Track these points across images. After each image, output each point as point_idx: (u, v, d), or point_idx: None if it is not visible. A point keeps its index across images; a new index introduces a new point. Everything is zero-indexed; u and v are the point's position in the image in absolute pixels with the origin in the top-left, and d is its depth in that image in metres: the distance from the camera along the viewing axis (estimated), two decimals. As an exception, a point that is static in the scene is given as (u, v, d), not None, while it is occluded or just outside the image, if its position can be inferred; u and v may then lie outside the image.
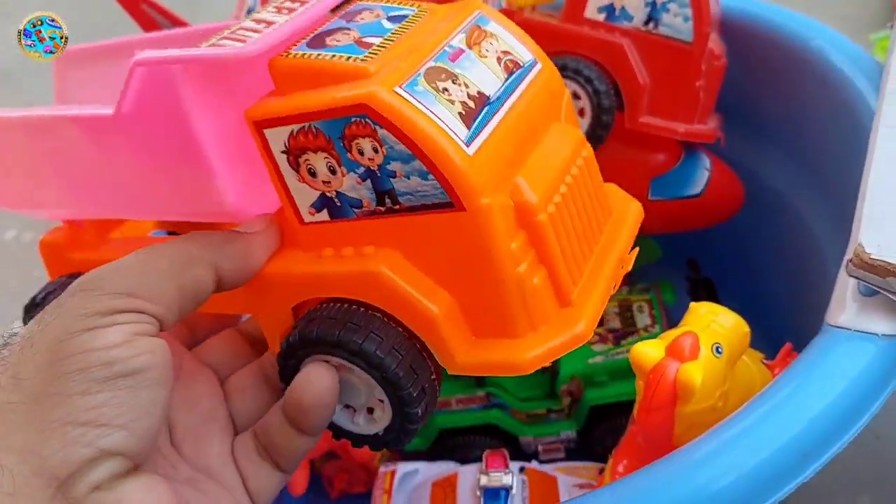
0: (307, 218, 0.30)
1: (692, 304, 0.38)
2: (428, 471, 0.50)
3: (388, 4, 0.32)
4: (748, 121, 0.55)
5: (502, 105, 0.29)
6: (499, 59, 0.30)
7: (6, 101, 1.19)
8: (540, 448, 0.52)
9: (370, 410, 0.31)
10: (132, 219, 0.41)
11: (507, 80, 0.30)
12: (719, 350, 0.35)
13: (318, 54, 0.28)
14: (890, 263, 0.32)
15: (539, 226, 0.28)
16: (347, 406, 0.31)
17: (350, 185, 0.28)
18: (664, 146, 0.51)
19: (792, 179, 0.54)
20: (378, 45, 0.29)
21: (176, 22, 0.57)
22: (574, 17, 0.50)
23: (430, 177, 0.27)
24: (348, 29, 0.30)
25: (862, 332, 0.33)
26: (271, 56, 0.29)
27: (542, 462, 0.50)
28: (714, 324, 0.36)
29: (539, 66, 0.32)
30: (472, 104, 0.28)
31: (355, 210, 0.29)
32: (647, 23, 0.48)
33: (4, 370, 0.26)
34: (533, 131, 0.30)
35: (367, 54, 0.28)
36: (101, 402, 0.25)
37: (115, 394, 0.26)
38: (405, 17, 0.31)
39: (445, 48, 0.29)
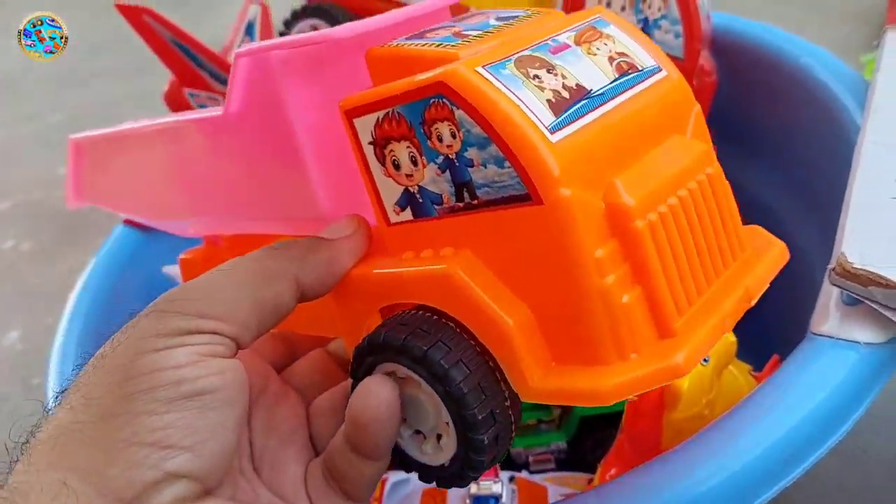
0: (393, 218, 0.28)
1: None
2: (418, 479, 0.50)
3: (503, 9, 0.30)
4: (737, 134, 0.56)
5: (606, 102, 0.26)
6: (611, 60, 0.28)
7: (7, 108, 1.20)
8: (530, 458, 0.52)
9: (439, 437, 0.28)
10: (243, 230, 0.40)
11: (617, 79, 0.27)
12: (706, 359, 0.35)
13: (413, 44, 0.27)
14: (872, 273, 0.33)
15: (635, 234, 0.24)
16: (417, 432, 0.28)
17: (430, 177, 0.26)
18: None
19: (779, 192, 0.54)
20: (475, 37, 0.27)
21: (178, 34, 0.58)
22: (566, 34, 0.51)
23: (507, 164, 0.24)
24: (453, 26, 0.29)
25: (844, 340, 0.33)
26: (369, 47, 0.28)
27: (532, 472, 0.50)
28: None
29: (663, 73, 0.28)
30: (566, 94, 0.25)
31: (436, 207, 0.27)
32: (639, 39, 0.49)
33: (76, 391, 0.26)
34: (642, 137, 0.27)
35: (460, 42, 0.27)
36: (168, 422, 0.25)
37: (182, 415, 0.25)
38: (515, 17, 0.29)
39: (549, 41, 0.27)
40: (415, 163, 0.27)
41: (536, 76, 0.25)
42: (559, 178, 0.24)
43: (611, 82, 0.27)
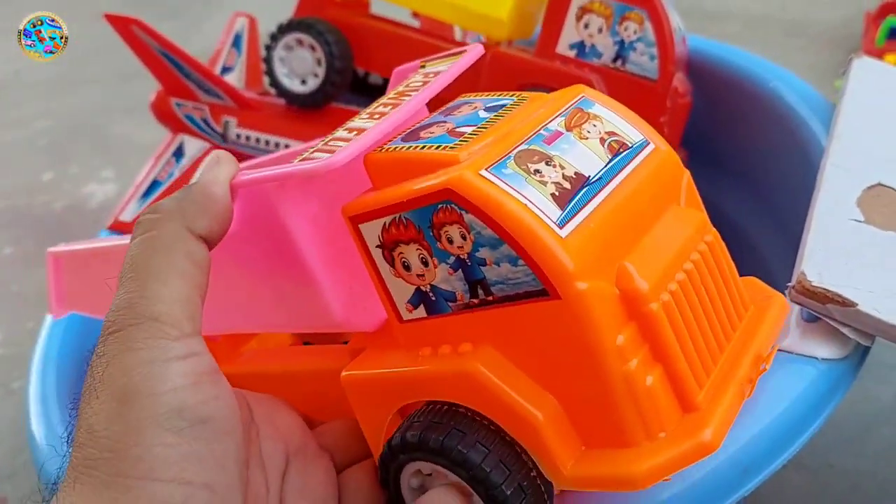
0: (405, 315, 0.28)
1: None
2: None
3: (489, 97, 0.31)
4: (709, 155, 0.57)
5: (604, 186, 0.27)
6: (602, 140, 0.28)
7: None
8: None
9: None
10: (251, 332, 0.41)
11: (610, 160, 0.28)
12: None
13: (410, 146, 0.28)
14: (829, 291, 0.34)
15: (651, 316, 0.25)
16: None
17: (442, 276, 0.27)
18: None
19: (749, 212, 0.56)
20: (470, 134, 0.28)
21: (165, 44, 0.59)
22: (546, 53, 0.52)
23: (520, 262, 0.25)
24: (444, 122, 0.29)
25: (803, 356, 0.34)
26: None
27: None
28: None
29: (651, 146, 0.29)
30: (567, 185, 0.26)
31: (450, 304, 0.27)
32: (615, 60, 0.51)
33: (80, 424, 0.25)
34: (643, 215, 0.27)
35: (457, 142, 0.27)
36: (182, 455, 0.24)
37: (193, 447, 0.24)
38: (503, 105, 0.30)
39: (541, 131, 0.28)
40: (425, 263, 0.27)
41: (537, 171, 0.26)
42: (574, 272, 0.24)
43: (606, 165, 0.27)
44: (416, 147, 0.28)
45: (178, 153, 0.62)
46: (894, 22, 0.88)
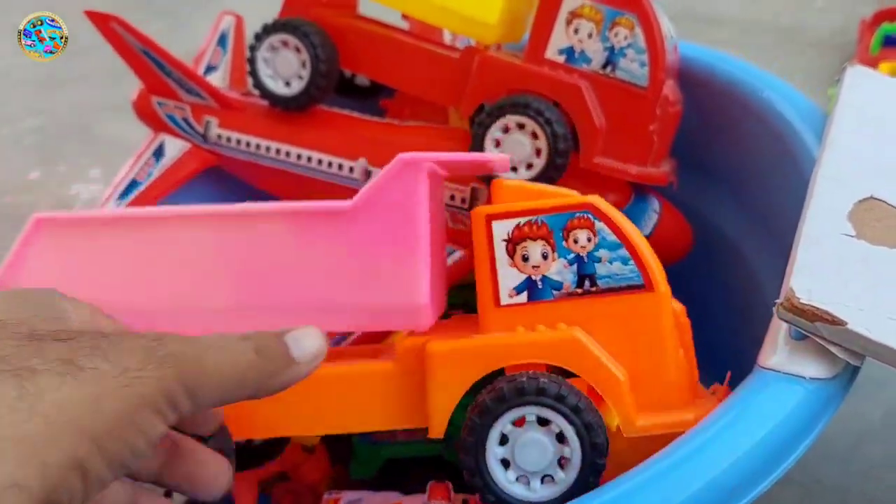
0: (504, 300, 0.36)
1: None
2: (371, 499, 0.49)
3: None
4: (699, 163, 0.56)
5: None
6: None
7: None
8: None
9: (542, 479, 0.34)
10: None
11: None
12: None
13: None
14: (818, 308, 0.33)
15: (685, 327, 0.38)
16: (520, 478, 0.34)
17: (557, 269, 0.36)
18: (615, 186, 0.52)
19: (738, 222, 0.55)
20: None
21: (145, 42, 0.58)
22: (535, 58, 0.51)
23: (631, 262, 0.35)
24: None
25: (791, 374, 0.33)
26: None
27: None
28: None
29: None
30: None
31: (554, 291, 0.36)
32: (604, 66, 0.50)
33: None
34: None
35: None
36: None
37: None
38: None
39: None
40: (545, 257, 0.36)
41: None
42: (663, 277, 0.36)
43: None
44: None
45: (158, 153, 0.61)
46: (889, 30, 0.87)
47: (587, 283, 0.36)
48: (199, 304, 0.38)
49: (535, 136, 0.49)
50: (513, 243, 0.36)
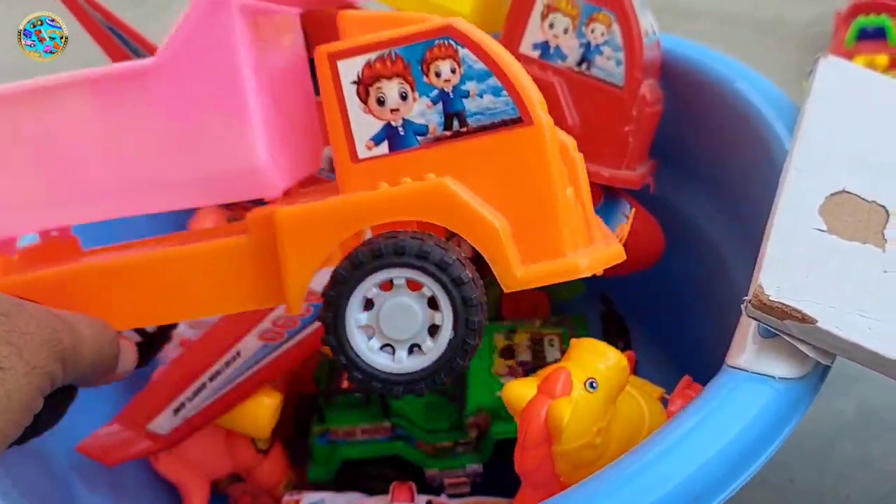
0: (363, 153, 0.32)
1: (573, 341, 0.37)
2: (334, 501, 0.48)
3: None
4: (675, 157, 0.55)
5: None
6: None
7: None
8: (446, 481, 0.51)
9: (411, 349, 0.31)
10: (132, 213, 0.37)
11: None
12: (593, 385, 0.34)
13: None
14: (787, 306, 0.32)
15: (575, 162, 0.33)
16: (384, 347, 0.31)
17: (420, 110, 0.31)
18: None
19: (714, 217, 0.54)
20: None
21: (108, 17, 0.56)
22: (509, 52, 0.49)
23: (504, 93, 0.31)
24: None
25: (759, 374, 0.32)
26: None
27: (449, 496, 0.49)
28: (591, 359, 0.35)
29: None
30: None
31: (419, 137, 0.31)
32: (580, 63, 0.48)
33: None
34: None
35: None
36: None
37: None
38: None
39: None
40: (404, 98, 0.31)
41: None
42: (543, 105, 0.31)
43: None
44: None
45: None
46: (864, 23, 0.86)
47: (456, 122, 0.31)
48: (8, 199, 0.34)
49: None
50: (364, 85, 0.31)
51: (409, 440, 0.51)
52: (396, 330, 0.31)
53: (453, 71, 0.31)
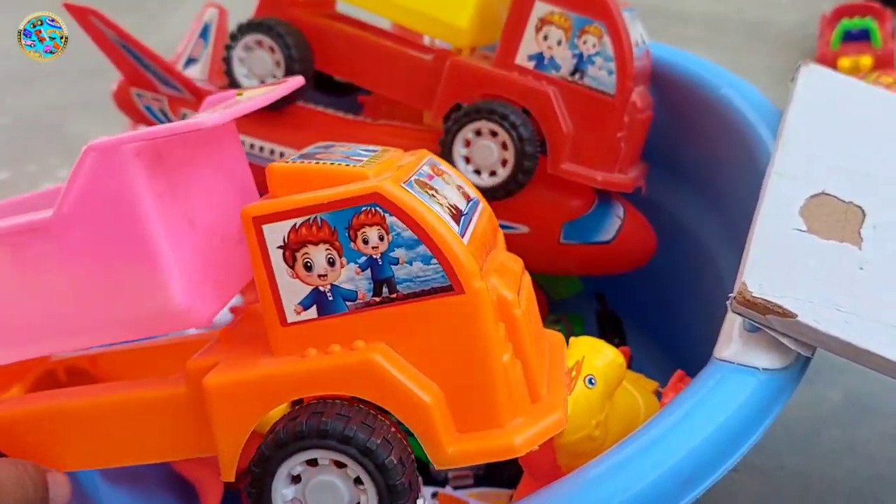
0: (291, 318, 0.31)
1: (572, 339, 0.39)
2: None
3: (356, 146, 0.35)
4: (666, 161, 0.58)
5: (471, 220, 0.33)
6: (458, 188, 0.34)
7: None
8: (450, 475, 0.53)
9: None
10: (61, 350, 0.38)
11: (467, 203, 0.34)
12: (592, 382, 0.37)
13: (315, 162, 0.31)
14: (769, 302, 0.34)
15: (516, 319, 0.31)
16: None
17: (348, 276, 0.30)
18: (579, 192, 0.53)
19: (703, 218, 0.56)
20: (366, 161, 0.32)
21: (123, 36, 0.58)
22: (505, 63, 0.52)
23: (434, 261, 0.29)
24: (332, 151, 0.33)
25: (745, 365, 0.35)
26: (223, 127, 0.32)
27: (454, 488, 0.51)
28: (590, 357, 0.38)
29: (482, 204, 0.35)
30: (453, 210, 0.32)
31: (348, 303, 0.30)
32: (573, 73, 0.51)
33: None
34: (490, 246, 0.34)
35: (362, 164, 0.31)
36: None
37: None
38: (376, 150, 0.34)
39: (420, 172, 0.32)
40: (332, 264, 0.30)
41: (433, 195, 0.31)
42: (475, 273, 0.30)
43: (467, 204, 0.33)
44: (325, 163, 0.31)
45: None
46: (848, 25, 0.89)
47: (385, 289, 0.30)
48: None
49: (504, 146, 0.50)
50: (290, 250, 0.30)
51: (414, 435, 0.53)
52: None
53: (381, 238, 0.29)
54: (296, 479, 0.30)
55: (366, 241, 0.30)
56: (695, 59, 0.55)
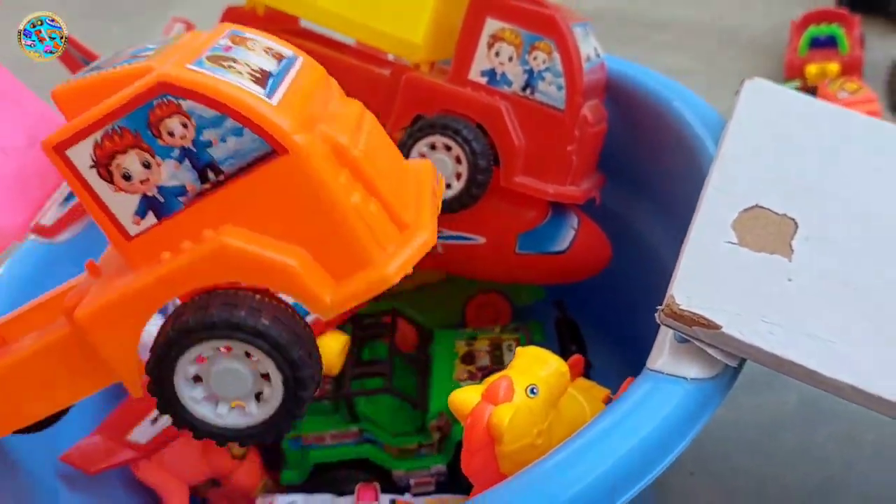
0: (133, 230, 0.31)
1: (517, 350, 0.40)
2: (304, 503, 0.51)
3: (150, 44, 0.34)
4: (625, 173, 0.59)
5: (285, 77, 0.32)
6: (266, 51, 0.33)
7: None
8: (412, 482, 0.54)
9: (257, 397, 0.31)
10: None
11: (279, 63, 0.33)
12: (534, 391, 0.37)
13: (99, 72, 0.31)
14: (695, 314, 0.35)
15: (356, 160, 0.31)
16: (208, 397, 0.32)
17: (169, 173, 0.30)
18: (533, 203, 0.54)
19: (656, 227, 0.57)
20: (151, 54, 0.31)
21: (85, 53, 0.59)
22: (459, 79, 0.53)
23: (245, 130, 0.29)
24: (119, 56, 0.33)
25: (674, 375, 0.36)
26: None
27: (414, 495, 0.52)
28: (534, 367, 0.39)
29: (301, 58, 0.35)
30: (258, 74, 0.31)
31: (180, 199, 0.30)
32: (524, 88, 0.52)
33: None
34: (318, 101, 0.33)
35: (145, 58, 0.31)
36: None
37: None
38: (167, 41, 0.34)
39: (215, 46, 0.32)
40: (147, 166, 0.30)
41: (230, 65, 0.31)
42: (292, 128, 0.29)
43: (278, 64, 0.33)
44: (105, 69, 0.30)
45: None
46: (815, 32, 0.90)
47: (210, 174, 0.30)
48: None
49: (458, 160, 0.51)
50: (103, 166, 0.29)
51: (376, 443, 0.55)
52: (224, 390, 0.31)
53: (185, 125, 0.29)
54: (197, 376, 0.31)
55: (171, 134, 0.29)
56: (649, 73, 0.56)
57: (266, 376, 0.31)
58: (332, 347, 0.52)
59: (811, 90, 0.86)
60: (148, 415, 0.51)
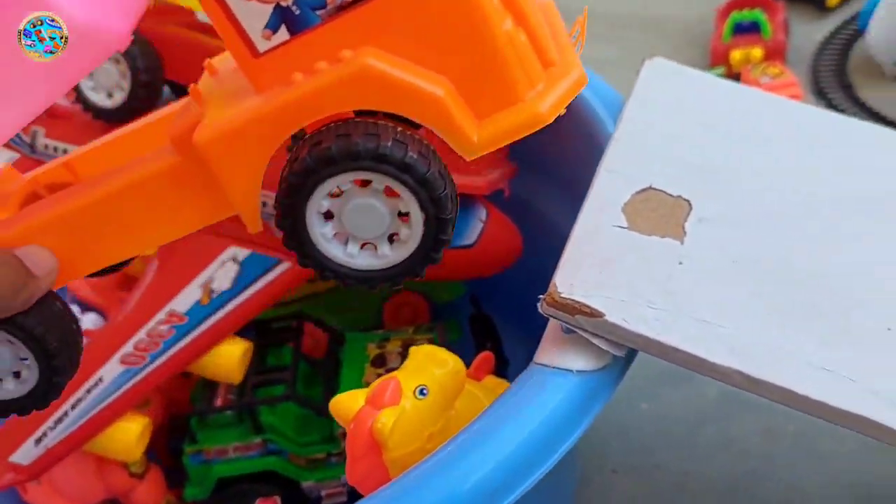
0: (262, 46, 0.27)
1: (411, 349, 0.38)
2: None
3: None
4: (531, 161, 0.57)
5: None
6: None
7: None
8: (323, 493, 0.52)
9: (391, 238, 0.29)
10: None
11: None
12: (423, 392, 0.35)
13: None
14: (578, 302, 0.33)
15: None
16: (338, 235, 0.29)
17: None
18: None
19: (567, 215, 0.55)
20: None
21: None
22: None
23: None
24: None
25: (559, 368, 0.34)
26: None
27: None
28: (427, 366, 0.37)
29: None
30: None
31: (318, 12, 0.27)
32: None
33: None
34: None
35: None
36: None
37: None
38: None
39: None
40: None
41: None
42: None
43: None
44: None
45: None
46: (739, 18, 0.89)
47: None
48: None
49: None
50: None
51: (282, 454, 0.52)
52: (358, 228, 0.29)
53: None
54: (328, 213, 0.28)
55: None
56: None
57: (404, 216, 0.28)
58: (233, 354, 0.50)
59: (735, 76, 0.85)
60: (31, 434, 0.48)
